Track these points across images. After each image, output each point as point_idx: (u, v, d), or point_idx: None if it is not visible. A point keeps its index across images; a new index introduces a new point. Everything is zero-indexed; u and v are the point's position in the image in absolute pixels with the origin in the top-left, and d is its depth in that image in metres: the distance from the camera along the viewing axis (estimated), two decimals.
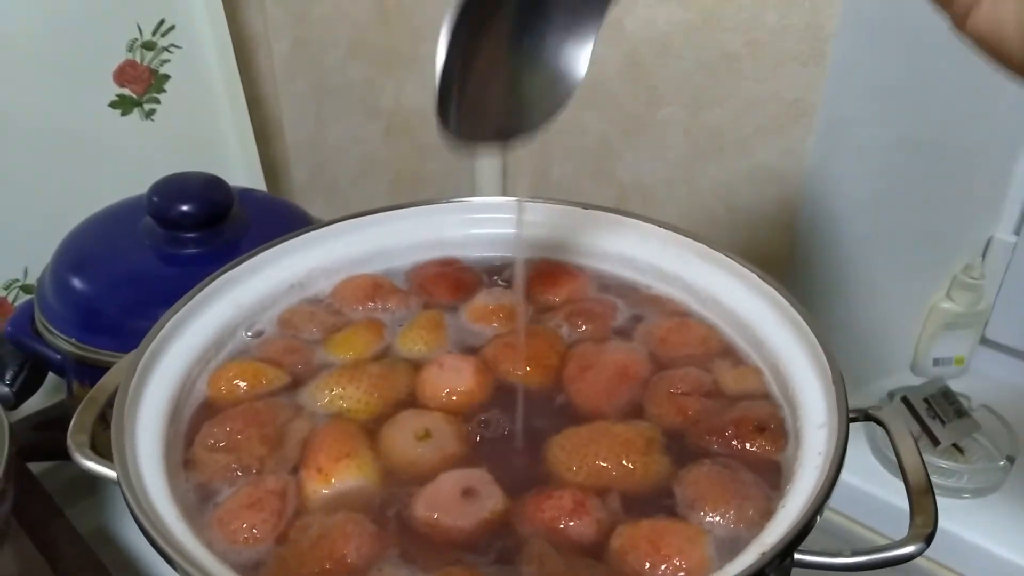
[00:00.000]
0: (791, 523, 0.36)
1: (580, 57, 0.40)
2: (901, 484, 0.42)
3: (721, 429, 0.44)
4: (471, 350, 0.51)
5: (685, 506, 0.40)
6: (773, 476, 0.42)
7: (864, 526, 0.79)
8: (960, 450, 0.80)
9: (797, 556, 0.36)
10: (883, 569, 0.38)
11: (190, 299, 0.50)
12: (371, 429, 0.45)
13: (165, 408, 0.45)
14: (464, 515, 0.40)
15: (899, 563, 0.38)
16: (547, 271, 0.56)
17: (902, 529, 0.38)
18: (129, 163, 0.87)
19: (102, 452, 0.42)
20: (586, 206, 0.58)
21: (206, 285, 0.51)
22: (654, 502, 0.41)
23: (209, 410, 0.47)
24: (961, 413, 0.80)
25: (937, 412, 0.81)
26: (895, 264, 0.84)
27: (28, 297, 0.83)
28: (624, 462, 0.42)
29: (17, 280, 0.84)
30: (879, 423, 0.45)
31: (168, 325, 0.48)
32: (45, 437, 0.78)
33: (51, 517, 0.70)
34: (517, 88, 0.41)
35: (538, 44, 0.40)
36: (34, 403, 0.76)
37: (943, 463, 0.77)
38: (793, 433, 0.43)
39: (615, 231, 0.57)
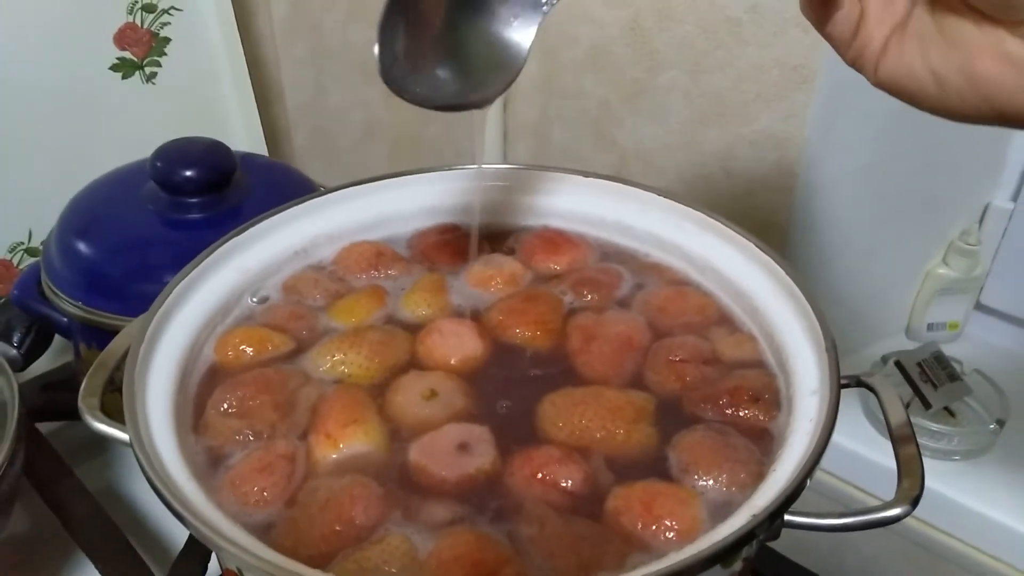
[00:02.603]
0: (781, 487, 0.37)
1: (524, 34, 0.43)
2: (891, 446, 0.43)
3: (716, 397, 0.45)
4: (472, 313, 0.52)
5: (679, 470, 0.41)
6: (765, 443, 0.43)
7: (856, 487, 0.81)
8: (951, 413, 0.81)
9: (787, 517, 0.37)
10: (875, 530, 0.40)
11: (197, 264, 0.50)
12: (378, 394, 0.47)
13: (174, 373, 0.46)
14: (451, 467, 0.42)
15: (885, 524, 0.39)
16: (547, 239, 0.57)
17: (893, 490, 0.40)
18: (130, 126, 0.87)
19: (110, 414, 0.43)
20: (586, 174, 0.58)
21: (213, 251, 0.51)
22: (649, 466, 0.42)
23: (216, 375, 0.48)
24: (953, 377, 0.81)
25: (929, 376, 0.82)
26: (892, 229, 0.85)
27: (32, 260, 0.84)
28: (609, 427, 0.43)
29: (22, 243, 0.84)
30: (870, 389, 0.46)
31: (176, 290, 0.48)
32: (53, 398, 0.80)
33: (61, 476, 0.71)
34: (463, 56, 0.43)
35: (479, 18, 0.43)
36: (42, 364, 0.77)
37: (934, 426, 0.79)
38: (786, 401, 0.44)
39: (615, 199, 0.57)
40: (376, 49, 0.42)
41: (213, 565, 0.63)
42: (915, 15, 0.36)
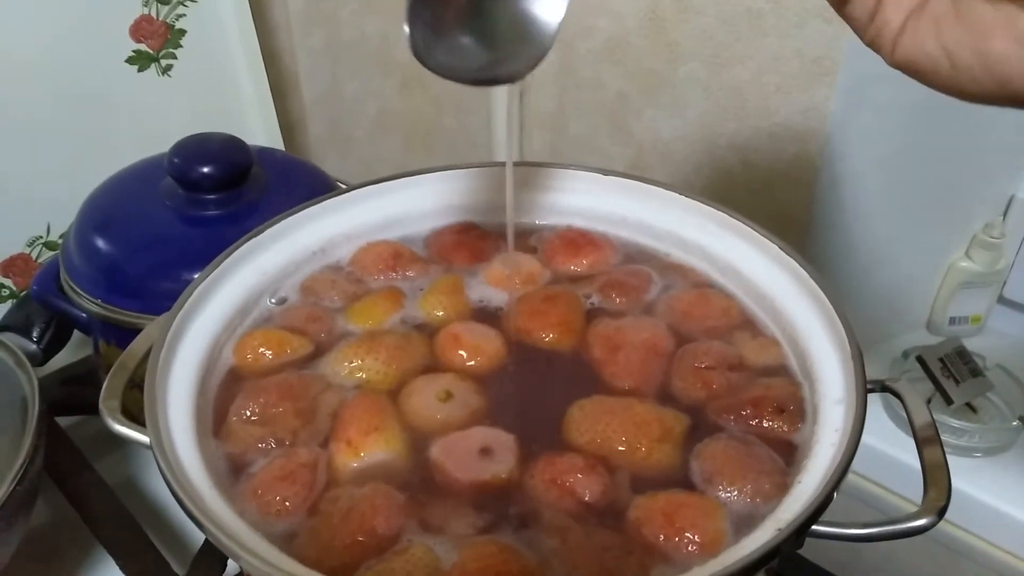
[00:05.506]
0: (807, 500, 0.36)
1: (555, 10, 0.42)
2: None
3: (739, 407, 0.44)
4: (491, 314, 0.52)
5: (702, 480, 0.41)
6: (789, 452, 0.42)
7: (881, 486, 0.80)
8: (973, 409, 0.80)
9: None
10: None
11: (217, 265, 0.50)
12: (395, 399, 0.46)
13: (194, 375, 0.46)
14: (468, 470, 0.41)
15: (911, 535, 0.38)
16: (569, 239, 0.56)
17: (918, 489, 0.39)
18: (147, 119, 0.87)
19: (131, 413, 0.43)
20: (606, 172, 0.57)
21: (232, 252, 0.51)
22: (671, 475, 0.42)
23: (236, 378, 0.48)
24: (975, 373, 0.80)
25: (951, 371, 0.81)
26: (914, 222, 0.84)
27: (51, 254, 0.84)
28: (631, 441, 0.43)
29: (40, 237, 0.85)
30: (895, 395, 0.46)
31: (197, 291, 0.48)
32: (73, 392, 0.80)
33: (81, 470, 0.72)
34: (493, 31, 0.43)
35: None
36: (61, 358, 0.78)
37: (955, 422, 0.78)
38: (811, 409, 0.44)
39: (635, 198, 0.56)
40: (406, 27, 0.41)
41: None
42: None
